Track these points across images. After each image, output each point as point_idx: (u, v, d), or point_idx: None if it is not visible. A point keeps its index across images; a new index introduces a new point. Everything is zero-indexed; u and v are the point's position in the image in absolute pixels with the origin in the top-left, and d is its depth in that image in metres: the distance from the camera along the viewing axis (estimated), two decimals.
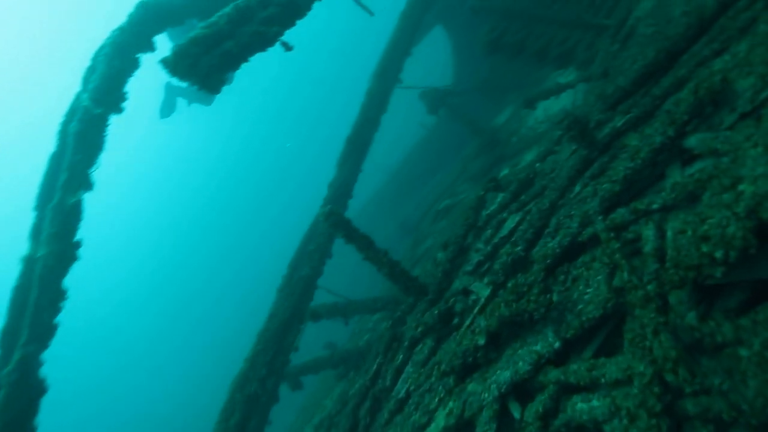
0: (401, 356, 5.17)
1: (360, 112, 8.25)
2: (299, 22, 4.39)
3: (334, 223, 5.04)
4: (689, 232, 2.18)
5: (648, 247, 2.75)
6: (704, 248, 2.01)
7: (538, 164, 5.62)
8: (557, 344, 2.90)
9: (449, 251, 5.38)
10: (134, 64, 5.16)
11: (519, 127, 9.92)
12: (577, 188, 4.06)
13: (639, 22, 6.25)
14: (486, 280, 4.53)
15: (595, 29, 7.22)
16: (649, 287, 2.53)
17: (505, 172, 8.91)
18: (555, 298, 3.15)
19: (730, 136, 2.53)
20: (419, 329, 4.66)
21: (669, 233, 2.70)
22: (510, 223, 4.98)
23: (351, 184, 7.83)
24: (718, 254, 1.93)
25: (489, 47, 7.53)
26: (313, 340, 10.59)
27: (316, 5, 4.99)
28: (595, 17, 7.41)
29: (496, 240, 4.94)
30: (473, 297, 4.47)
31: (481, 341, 3.44)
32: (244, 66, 4.13)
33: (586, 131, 3.98)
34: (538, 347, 3.05)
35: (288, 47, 4.05)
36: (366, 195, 23.04)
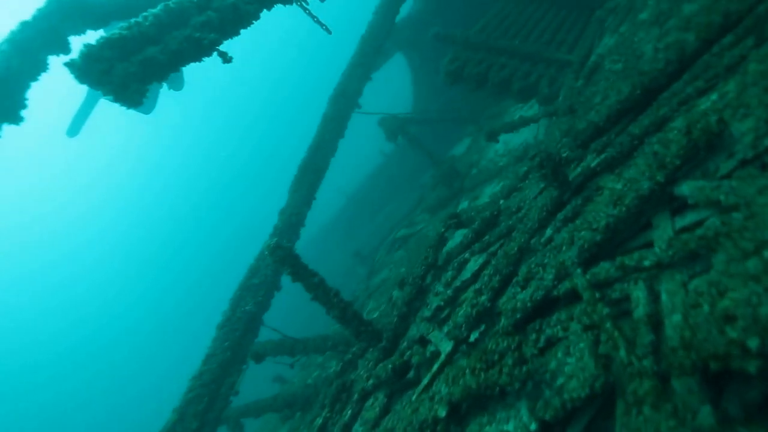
0: (350, 411, 4.54)
1: (315, 136, 7.73)
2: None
3: (280, 258, 4.41)
4: (706, 307, 1.75)
5: (639, 312, 2.32)
6: (731, 333, 1.57)
7: (502, 201, 5.24)
8: (533, 426, 2.39)
9: (406, 293, 4.84)
10: (40, 66, 4.36)
11: (479, 159, 9.68)
12: (549, 232, 3.65)
13: (604, 59, 6.11)
14: (446, 329, 4.02)
15: (557, 64, 7.07)
16: (645, 362, 2.08)
17: (464, 205, 8.58)
18: (528, 365, 2.66)
19: (736, 186, 2.15)
20: (371, 382, 4.06)
21: (664, 296, 2.28)
22: (473, 266, 4.52)
23: (304, 213, 7.22)
24: (753, 343, 1.49)
25: (450, 77, 7.22)
26: (261, 373, 9.67)
27: (274, 15, 4.49)
28: (557, 52, 7.29)
29: (457, 283, 4.46)
30: (432, 348, 3.94)
31: (442, 413, 2.90)
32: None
33: (559, 170, 3.60)
34: (509, 427, 2.53)
35: (227, 59, 3.48)
36: (323, 220, 22.37)
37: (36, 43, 4.31)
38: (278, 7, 4.56)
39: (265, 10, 3.85)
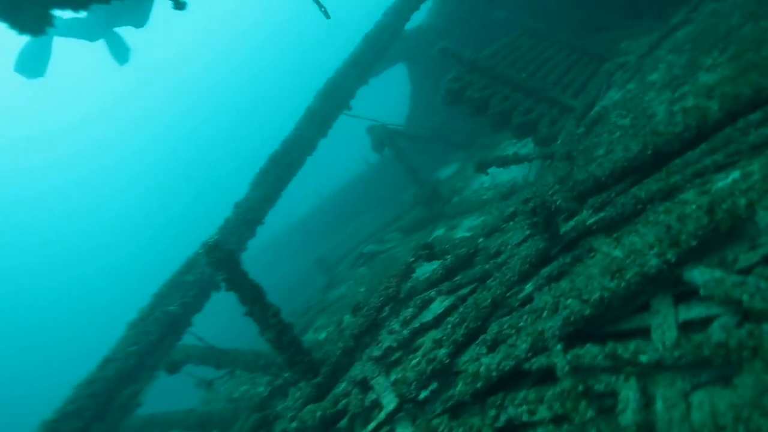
0: None
1: (294, 130, 7.25)
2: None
3: (216, 260, 3.89)
4: None
5: (627, 418, 1.93)
6: None
7: (481, 239, 4.86)
8: None
9: (357, 323, 4.38)
10: None
11: (463, 187, 9.35)
12: (529, 288, 3.27)
13: (609, 111, 5.86)
14: (393, 376, 3.57)
15: (560, 106, 6.82)
16: None
17: (439, 232, 8.20)
18: None
19: (765, 289, 1.79)
20: (294, 425, 3.56)
21: (659, 405, 1.90)
22: (437, 307, 4.10)
23: (264, 209, 6.70)
24: None
25: (450, 96, 6.87)
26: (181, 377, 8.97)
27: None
28: (562, 94, 7.04)
29: (416, 324, 4.03)
30: (372, 396, 3.49)
31: None
32: None
33: (552, 220, 3.23)
34: None
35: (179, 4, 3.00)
36: (291, 220, 21.80)
37: None
38: None
39: None
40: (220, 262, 3.86)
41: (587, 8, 9.24)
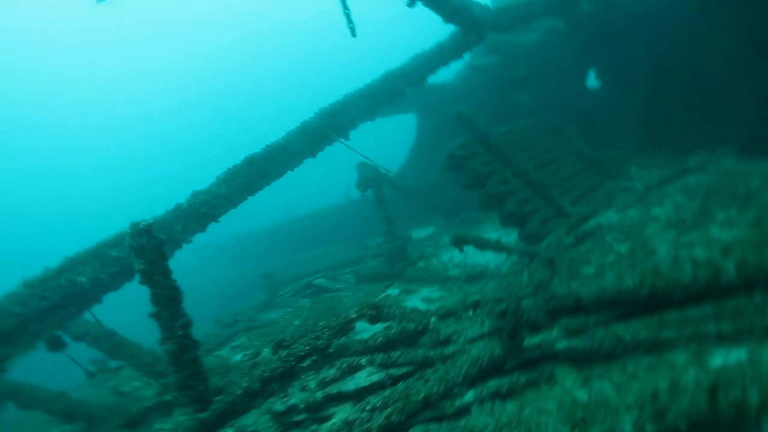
0: None
1: (280, 139, 6.83)
2: None
3: (139, 247, 3.33)
4: None
5: None
6: None
7: (434, 318, 4.40)
8: None
9: (271, 367, 3.81)
10: None
11: (432, 254, 8.96)
12: (469, 396, 2.81)
13: (604, 230, 5.64)
14: None
15: (556, 209, 6.60)
16: None
17: (393, 291, 7.72)
18: None
19: None
20: None
21: None
22: (362, 378, 3.58)
23: (222, 207, 6.15)
24: None
25: (451, 161, 6.60)
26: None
27: None
28: (561, 197, 6.85)
29: (333, 390, 3.49)
30: None
31: None
32: None
33: (519, 332, 2.81)
34: None
35: None
36: (254, 227, 21.24)
37: None
38: None
39: None
40: (143, 250, 3.30)
41: (607, 128, 9.31)
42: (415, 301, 6.74)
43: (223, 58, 68.39)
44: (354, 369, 3.74)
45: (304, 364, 3.93)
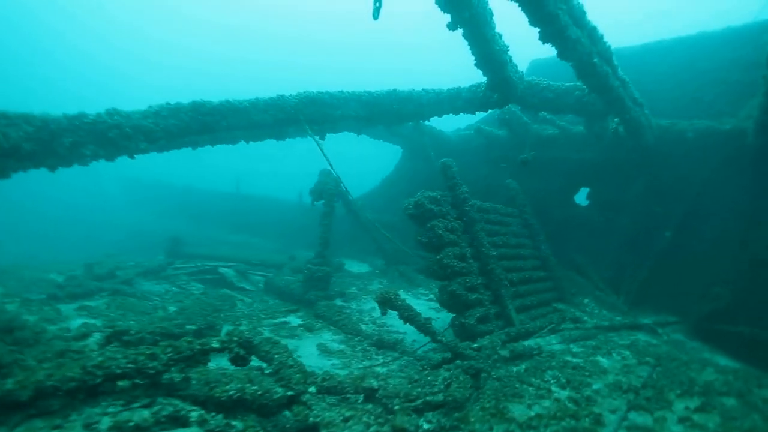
0: None
1: (248, 101, 5.82)
2: None
3: None
4: None
5: None
6: None
7: (313, 388, 3.42)
8: None
9: (74, 370, 2.70)
10: None
11: (354, 296, 8.04)
12: None
13: (544, 360, 4.93)
14: None
15: (501, 311, 5.86)
16: None
17: (294, 321, 6.69)
18: None
19: None
20: None
21: None
22: None
23: (137, 142, 5.04)
24: None
25: (415, 210, 5.75)
26: None
27: None
28: (511, 300, 6.12)
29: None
30: None
31: None
32: None
33: None
34: None
35: None
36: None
37: None
38: None
39: None
40: None
41: (579, 249, 8.90)
42: (310, 346, 5.74)
43: None
44: (176, 422, 2.69)
45: (116, 389, 2.84)
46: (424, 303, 8.21)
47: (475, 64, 5.35)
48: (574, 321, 6.59)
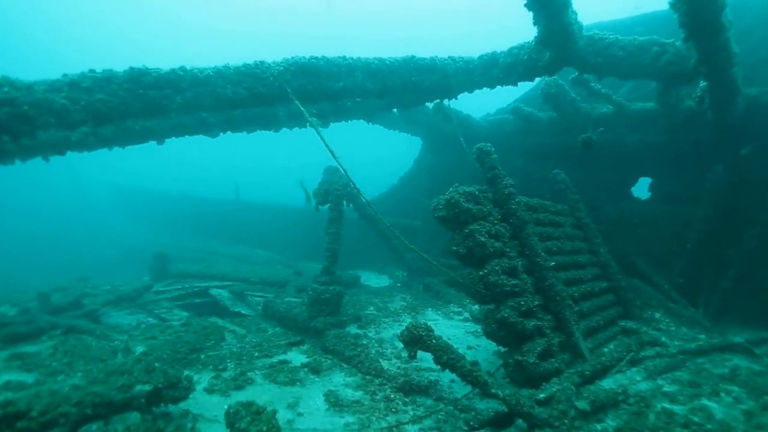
0: None
1: (212, 69, 4.58)
2: None
3: None
4: None
5: None
6: None
7: None
8: None
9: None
10: None
11: (373, 321, 6.79)
12: None
13: (636, 411, 3.62)
14: None
15: (567, 341, 4.56)
16: None
17: (298, 358, 5.46)
18: None
19: None
20: None
21: None
22: None
23: (41, 121, 3.86)
24: None
25: (448, 211, 4.50)
26: None
27: None
28: (577, 325, 4.81)
29: None
30: None
31: None
32: None
33: None
34: None
35: None
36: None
37: None
38: None
39: None
40: None
41: (638, 250, 7.54)
42: (316, 396, 4.51)
43: None
44: None
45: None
46: (458, 325, 6.93)
47: (525, 5, 4.08)
48: (652, 344, 5.27)
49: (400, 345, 6.12)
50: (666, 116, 6.70)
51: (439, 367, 4.63)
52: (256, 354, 5.57)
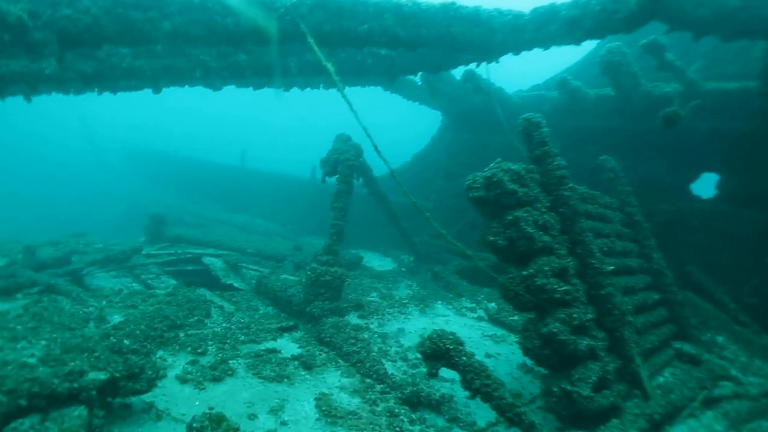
0: None
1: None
2: None
3: None
4: None
5: None
6: None
7: None
8: None
9: None
10: None
11: (375, 311, 5.98)
12: None
13: None
14: None
15: (625, 368, 3.72)
16: None
17: (289, 348, 4.69)
18: None
19: None
20: None
21: None
22: None
23: None
24: None
25: (487, 191, 3.63)
26: None
27: None
28: (636, 345, 3.95)
29: None
30: None
31: None
32: None
33: None
34: None
35: None
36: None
37: None
38: None
39: None
40: None
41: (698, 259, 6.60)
42: (305, 400, 3.76)
43: None
44: None
45: None
46: (472, 324, 6.07)
47: None
48: (724, 377, 4.40)
49: (407, 343, 5.33)
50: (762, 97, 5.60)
51: (453, 374, 3.84)
52: (242, 338, 4.82)
